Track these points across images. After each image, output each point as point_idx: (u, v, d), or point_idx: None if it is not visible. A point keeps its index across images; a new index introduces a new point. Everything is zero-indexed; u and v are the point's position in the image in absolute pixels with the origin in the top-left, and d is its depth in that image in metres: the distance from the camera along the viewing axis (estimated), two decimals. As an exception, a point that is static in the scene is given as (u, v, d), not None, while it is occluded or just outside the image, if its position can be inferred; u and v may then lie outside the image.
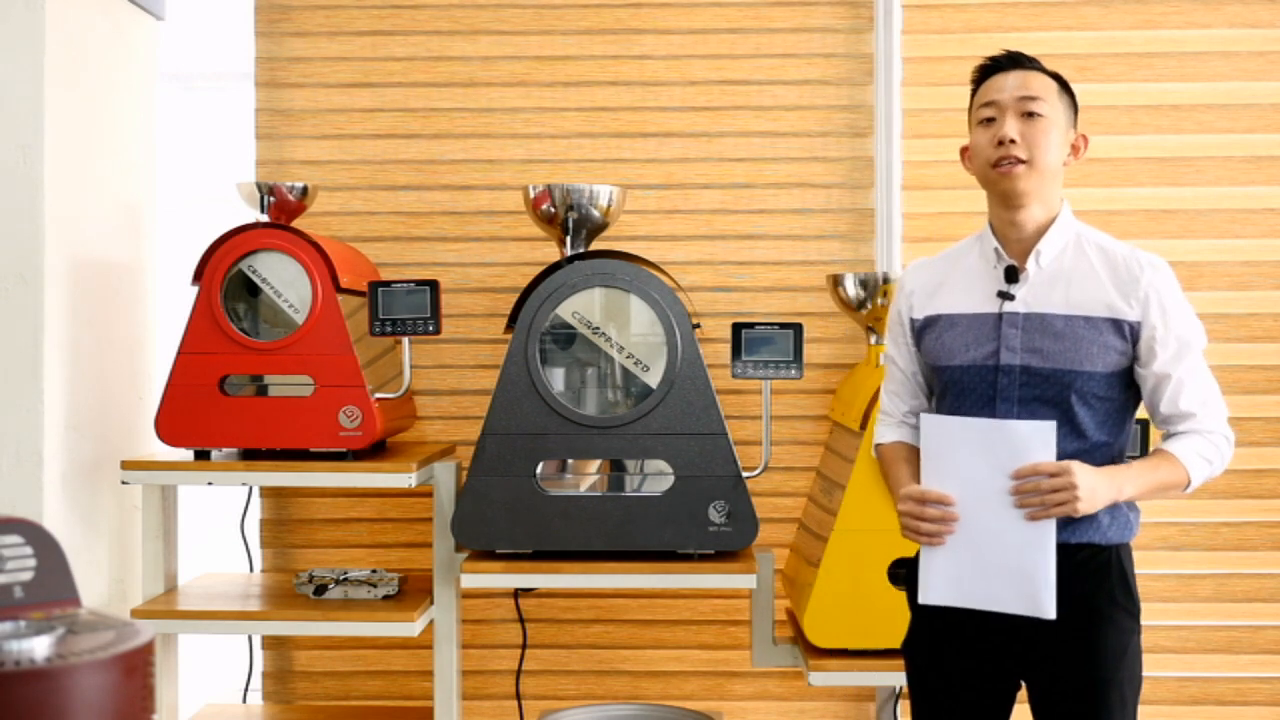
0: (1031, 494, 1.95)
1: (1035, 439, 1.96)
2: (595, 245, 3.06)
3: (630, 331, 2.88)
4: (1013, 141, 2.05)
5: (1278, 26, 3.32)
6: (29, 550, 1.14)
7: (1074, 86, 2.17)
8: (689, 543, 2.79)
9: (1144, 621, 2.10)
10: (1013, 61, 2.12)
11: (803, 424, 3.33)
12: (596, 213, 2.97)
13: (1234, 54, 3.33)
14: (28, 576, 1.13)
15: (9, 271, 2.76)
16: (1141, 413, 2.72)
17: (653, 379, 2.84)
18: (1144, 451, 2.82)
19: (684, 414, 2.80)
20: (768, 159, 3.36)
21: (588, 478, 2.99)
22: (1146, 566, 3.28)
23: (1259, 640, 3.31)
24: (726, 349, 2.95)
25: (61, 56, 2.84)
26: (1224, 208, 3.33)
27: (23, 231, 2.76)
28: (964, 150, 2.20)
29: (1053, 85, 2.11)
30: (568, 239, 2.98)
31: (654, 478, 2.87)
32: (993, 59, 2.15)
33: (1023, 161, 2.05)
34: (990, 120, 2.10)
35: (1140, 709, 2.09)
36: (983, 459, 1.98)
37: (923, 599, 2.04)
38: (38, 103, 2.76)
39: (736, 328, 2.86)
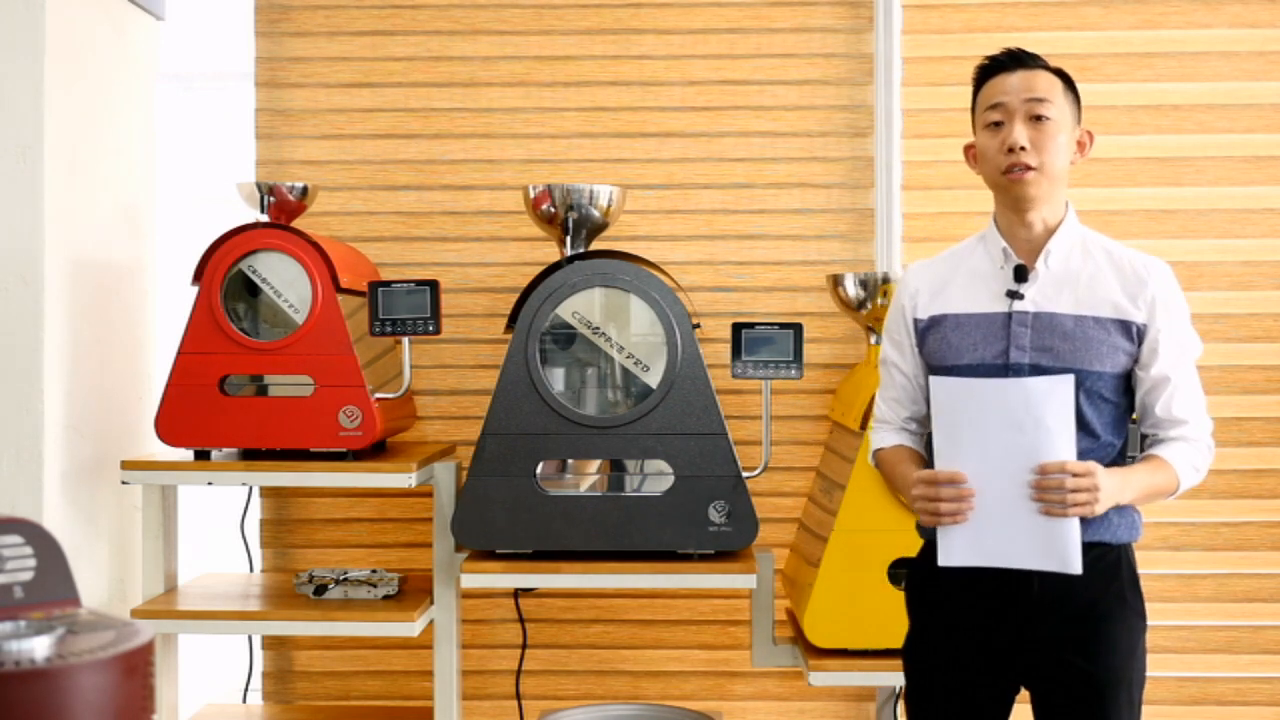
0: (1054, 490, 1.92)
1: (1054, 395, 1.93)
2: (595, 245, 3.06)
3: (630, 331, 2.88)
4: (1023, 149, 2.03)
5: (1278, 26, 3.32)
6: (29, 550, 1.14)
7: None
8: (689, 543, 2.79)
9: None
10: (1016, 61, 2.09)
11: (803, 424, 3.33)
12: (596, 213, 2.97)
13: (1234, 54, 3.33)
14: (28, 576, 1.13)
15: (9, 272, 2.76)
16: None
17: (653, 379, 2.84)
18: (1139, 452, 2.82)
19: (684, 414, 2.80)
20: (768, 159, 3.36)
21: (588, 478, 2.99)
22: (1146, 566, 3.26)
23: (1259, 640, 3.31)
24: (726, 349, 2.95)
25: (61, 56, 2.84)
26: (1224, 208, 3.33)
27: (23, 231, 2.76)
28: (968, 149, 2.18)
29: (1058, 84, 2.08)
30: (568, 239, 2.98)
31: (654, 478, 2.87)
32: (995, 58, 2.12)
33: (1033, 168, 2.04)
34: (997, 124, 2.07)
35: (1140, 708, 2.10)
36: (997, 419, 1.95)
37: (943, 561, 2.00)
38: (38, 103, 2.76)
39: (736, 328, 2.86)
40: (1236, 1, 3.32)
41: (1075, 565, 1.94)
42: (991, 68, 2.12)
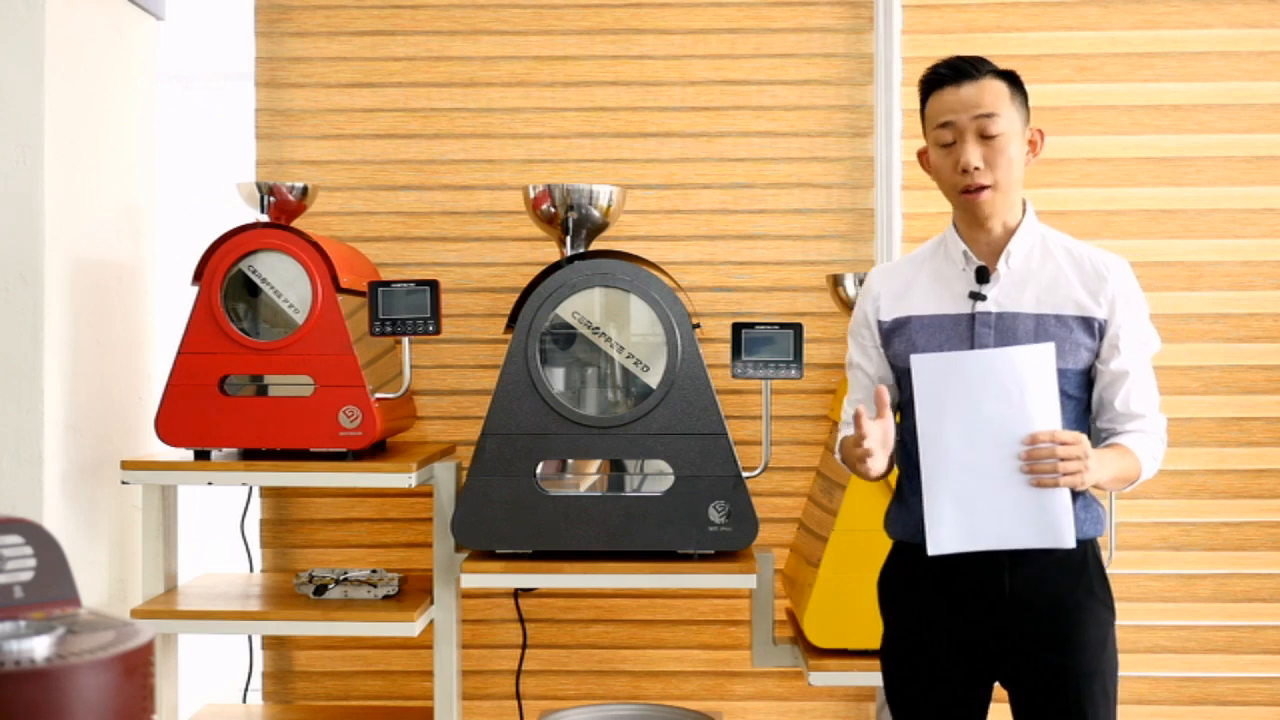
0: (1045, 460, 1.92)
1: (1038, 363, 1.94)
2: (595, 245, 3.06)
3: (630, 331, 2.89)
4: (977, 169, 2.04)
5: (1278, 26, 3.32)
6: (29, 550, 1.14)
7: (1074, 87, 2.16)
8: (689, 543, 2.79)
9: (1145, 621, 2.11)
10: (960, 73, 2.06)
11: (803, 424, 3.33)
12: (596, 213, 2.97)
13: (1234, 54, 3.33)
14: (28, 576, 1.13)
15: (9, 271, 2.76)
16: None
17: (653, 379, 2.84)
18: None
19: (684, 414, 2.80)
20: (768, 159, 3.36)
21: (588, 478, 2.99)
22: (1147, 566, 3.30)
23: (1259, 640, 3.31)
24: (726, 349, 2.95)
25: (61, 56, 2.84)
26: (1224, 208, 3.33)
27: (23, 231, 2.76)
28: (922, 154, 2.17)
29: (1004, 91, 2.06)
30: (568, 239, 2.98)
31: (654, 478, 2.87)
32: (938, 70, 2.09)
33: (988, 186, 2.04)
34: (949, 143, 2.07)
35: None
36: (983, 392, 1.95)
37: (933, 550, 1.98)
38: (38, 103, 2.76)
39: (736, 328, 2.86)
40: (1236, 1, 3.32)
41: (1068, 538, 1.94)
42: (936, 80, 2.09)
